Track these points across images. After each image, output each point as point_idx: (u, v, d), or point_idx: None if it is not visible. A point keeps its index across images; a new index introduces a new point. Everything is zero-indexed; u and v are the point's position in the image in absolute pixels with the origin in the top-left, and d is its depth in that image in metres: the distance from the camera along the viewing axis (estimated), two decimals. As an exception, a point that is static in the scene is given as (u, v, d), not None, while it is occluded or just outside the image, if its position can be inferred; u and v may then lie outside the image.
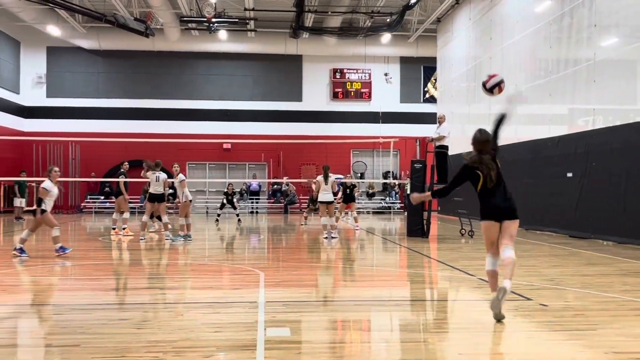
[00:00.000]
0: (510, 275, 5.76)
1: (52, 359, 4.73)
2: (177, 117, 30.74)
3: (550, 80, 16.77)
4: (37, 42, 29.98)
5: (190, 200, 14.95)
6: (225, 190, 21.87)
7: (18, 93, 30.08)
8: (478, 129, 6.14)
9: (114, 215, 16.11)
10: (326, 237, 14.69)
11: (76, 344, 5.01)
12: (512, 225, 5.94)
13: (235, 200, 21.80)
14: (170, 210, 21.41)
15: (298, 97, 32.02)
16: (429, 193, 6.50)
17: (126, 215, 15.86)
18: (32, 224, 11.20)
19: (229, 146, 30.43)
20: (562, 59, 16.19)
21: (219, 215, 22.56)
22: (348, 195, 18.66)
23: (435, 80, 30.12)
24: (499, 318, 5.74)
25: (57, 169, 11.46)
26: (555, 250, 12.62)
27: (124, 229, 15.77)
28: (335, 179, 15.73)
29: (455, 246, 13.62)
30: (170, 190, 15.44)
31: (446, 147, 15.47)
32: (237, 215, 22.10)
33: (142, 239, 14.11)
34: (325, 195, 14.86)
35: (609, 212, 13.75)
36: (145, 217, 14.70)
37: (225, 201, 21.53)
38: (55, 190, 11.27)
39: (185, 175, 29.69)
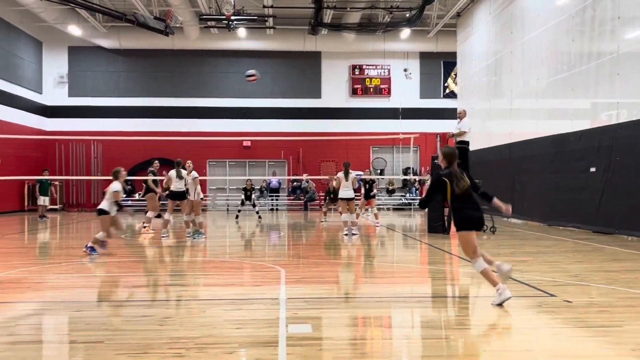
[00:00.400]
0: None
1: (76, 355, 4.78)
2: (197, 115, 30.88)
3: (572, 74, 16.56)
4: (59, 42, 30.32)
5: (202, 198, 14.95)
6: (244, 186, 21.87)
7: (41, 93, 30.45)
8: (445, 145, 6.92)
9: (149, 214, 16.02)
10: (346, 234, 14.67)
11: (100, 340, 5.05)
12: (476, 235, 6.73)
13: (254, 196, 21.72)
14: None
15: (317, 94, 32.00)
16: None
17: (150, 214, 15.91)
18: (117, 223, 11.39)
19: (249, 144, 30.53)
20: (585, 53, 15.97)
21: (239, 212, 22.61)
22: (367, 191, 18.61)
23: (456, 75, 29.92)
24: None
25: (123, 169, 11.57)
26: (578, 245, 12.47)
27: (144, 227, 15.85)
28: (356, 175, 15.68)
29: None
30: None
31: (467, 143, 15.36)
32: (257, 212, 22.15)
33: (164, 237, 14.21)
34: (346, 191, 14.83)
35: (633, 207, 13.55)
36: (167, 215, 14.79)
37: (244, 197, 21.53)
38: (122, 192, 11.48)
39: (205, 173, 30.08)
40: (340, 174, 14.93)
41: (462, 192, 6.65)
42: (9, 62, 27.02)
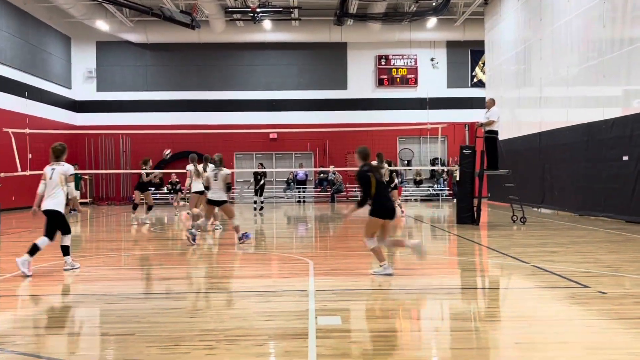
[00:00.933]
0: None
1: (108, 348, 4.83)
2: (224, 108, 31.00)
3: (603, 61, 16.22)
4: (87, 37, 30.67)
5: (197, 192, 14.55)
6: (256, 169, 21.27)
7: (70, 88, 30.85)
8: (362, 146, 8.11)
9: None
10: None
11: (131, 332, 5.10)
12: (392, 223, 7.86)
13: (262, 181, 21.03)
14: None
15: (343, 85, 31.88)
16: (353, 206, 8.12)
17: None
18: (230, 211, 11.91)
19: (275, 136, 30.57)
20: (617, 39, 15.63)
21: (262, 202, 22.37)
22: (388, 182, 18.37)
23: (483, 64, 29.55)
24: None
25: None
26: (611, 236, 12.25)
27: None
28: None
29: (507, 233, 13.37)
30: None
31: (496, 132, 15.18)
32: (262, 202, 21.66)
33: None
34: None
35: (668, 196, 13.26)
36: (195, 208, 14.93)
37: (254, 182, 20.98)
38: None
39: (233, 165, 30.17)
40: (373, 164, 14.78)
41: (381, 183, 7.78)
42: (38, 57, 27.41)
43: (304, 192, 31.03)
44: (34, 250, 8.18)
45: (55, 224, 8.40)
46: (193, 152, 16.77)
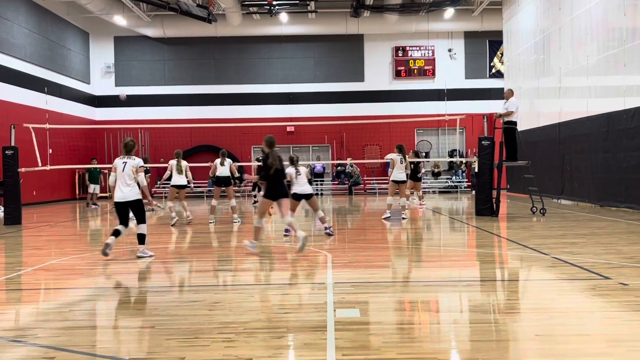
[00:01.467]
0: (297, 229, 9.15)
1: (128, 340, 4.87)
2: (241, 101, 31.07)
3: (624, 50, 15.99)
4: (105, 32, 30.88)
5: (175, 186, 14.93)
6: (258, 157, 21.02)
7: (89, 83, 31.09)
8: (269, 135, 9.36)
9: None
10: (387, 217, 14.60)
11: (151, 325, 5.13)
12: (286, 200, 9.31)
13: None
14: (238, 194, 21.63)
15: (360, 77, 31.78)
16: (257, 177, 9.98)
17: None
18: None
19: (292, 129, 30.57)
20: (638, 27, 15.39)
21: (255, 196, 21.76)
22: (413, 172, 18.24)
23: (502, 54, 29.28)
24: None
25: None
26: (633, 227, 12.10)
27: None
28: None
29: (527, 224, 13.25)
30: (238, 174, 15.78)
31: (515, 123, 15.05)
32: (255, 197, 21.36)
33: (211, 222, 14.39)
34: (399, 174, 14.68)
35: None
36: (214, 201, 14.99)
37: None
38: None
39: (250, 159, 30.21)
40: (395, 156, 14.72)
41: (275, 171, 9.00)
42: (57, 53, 27.64)
43: (321, 184, 31.04)
44: (141, 239, 9.21)
45: (135, 211, 9.14)
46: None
